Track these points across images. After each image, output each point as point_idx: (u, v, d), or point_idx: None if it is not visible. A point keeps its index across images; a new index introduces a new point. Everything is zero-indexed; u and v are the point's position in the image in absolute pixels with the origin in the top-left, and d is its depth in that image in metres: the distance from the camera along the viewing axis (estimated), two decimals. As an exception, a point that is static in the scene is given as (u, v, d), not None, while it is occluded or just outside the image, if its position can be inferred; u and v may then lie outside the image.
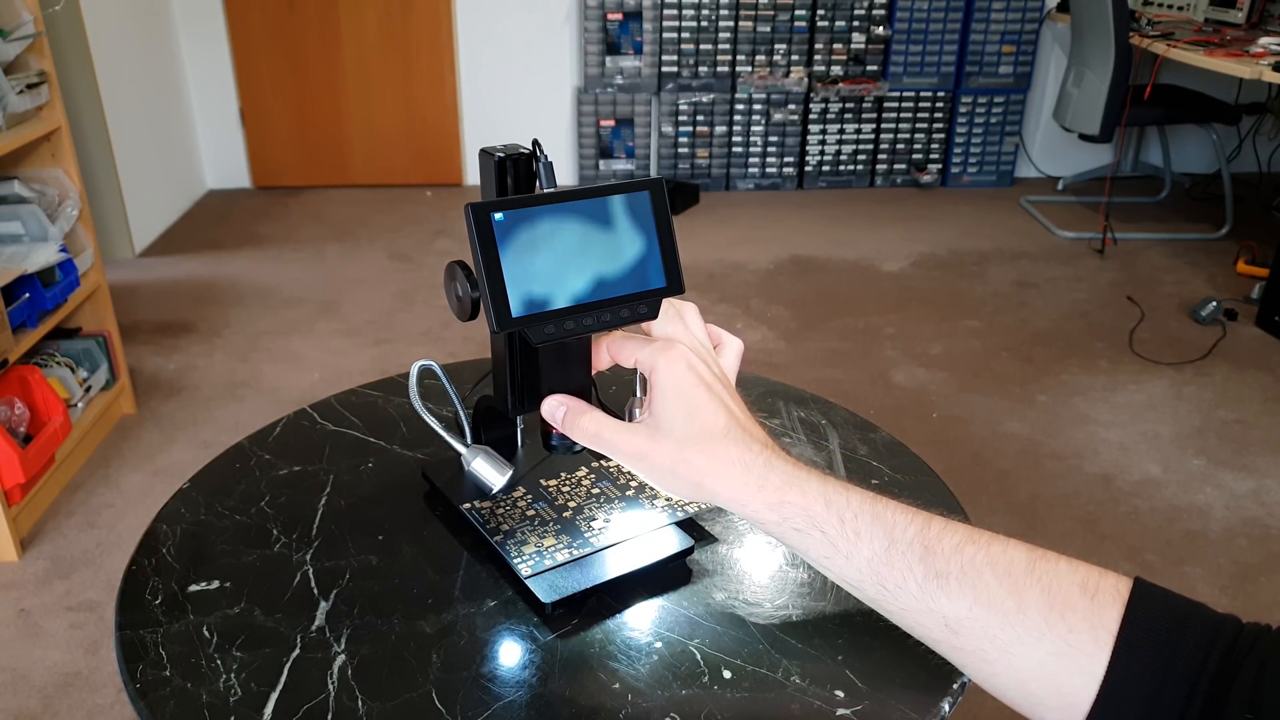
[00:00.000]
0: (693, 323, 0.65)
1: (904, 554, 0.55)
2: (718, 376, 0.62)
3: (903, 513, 0.57)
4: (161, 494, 0.78)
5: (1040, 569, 0.54)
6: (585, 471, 0.84)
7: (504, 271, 0.59)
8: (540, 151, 0.67)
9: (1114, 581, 0.53)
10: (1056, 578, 0.53)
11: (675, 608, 0.71)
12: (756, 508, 0.58)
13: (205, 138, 4.30)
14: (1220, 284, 3.32)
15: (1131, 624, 0.51)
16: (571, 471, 0.84)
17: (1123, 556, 1.98)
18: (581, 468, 0.85)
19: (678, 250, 0.66)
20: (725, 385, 0.62)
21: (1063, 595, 0.53)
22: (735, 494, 0.58)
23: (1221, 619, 0.51)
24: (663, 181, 0.65)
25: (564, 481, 0.83)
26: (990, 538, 0.55)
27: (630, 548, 0.75)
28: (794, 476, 0.58)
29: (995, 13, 4.12)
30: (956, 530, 0.55)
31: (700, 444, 0.58)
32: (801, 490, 0.57)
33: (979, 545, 0.55)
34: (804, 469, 0.59)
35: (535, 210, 0.60)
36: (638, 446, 0.60)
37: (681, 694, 0.63)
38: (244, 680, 0.62)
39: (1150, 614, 0.51)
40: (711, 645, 0.67)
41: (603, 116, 4.17)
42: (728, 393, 0.61)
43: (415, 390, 0.76)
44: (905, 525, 0.56)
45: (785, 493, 0.57)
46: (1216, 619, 0.51)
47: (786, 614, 0.70)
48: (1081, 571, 0.53)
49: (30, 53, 2.13)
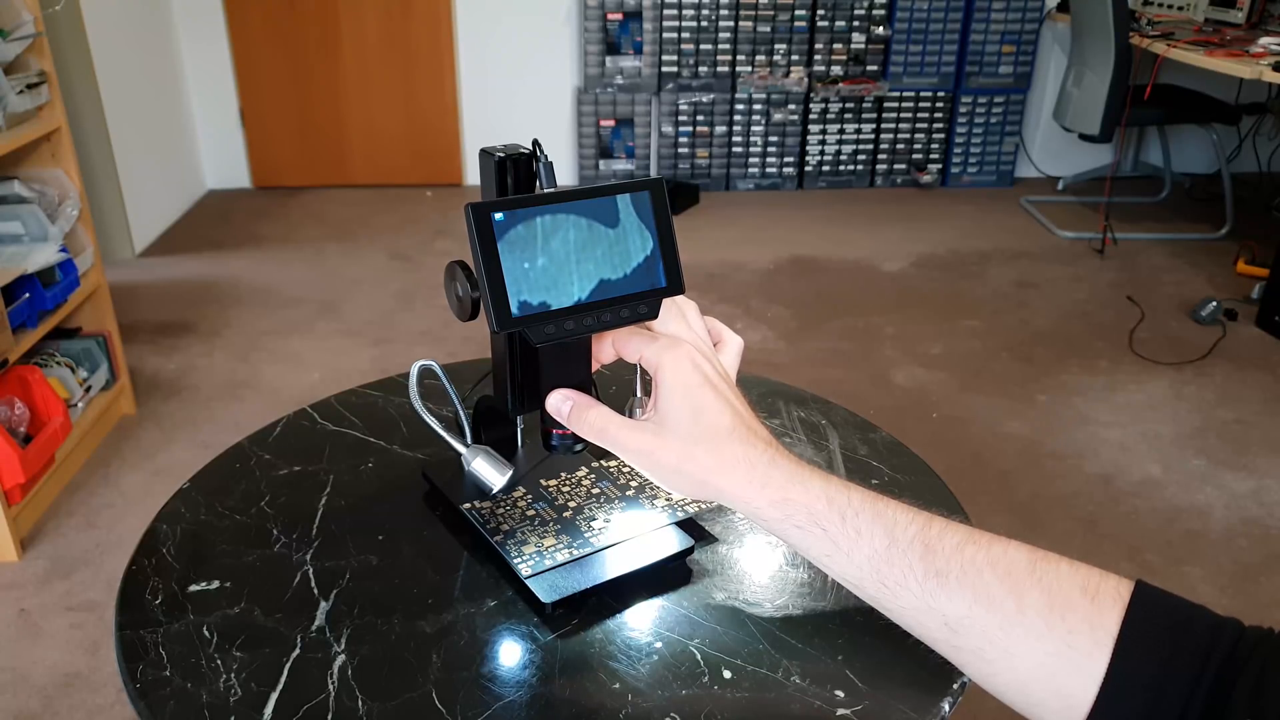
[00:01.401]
0: (694, 321, 0.65)
1: (904, 552, 0.56)
2: (721, 376, 0.62)
3: (904, 511, 0.57)
4: (161, 494, 0.78)
5: (1041, 570, 0.54)
6: (585, 471, 0.84)
7: (504, 271, 0.59)
8: (540, 151, 0.67)
9: (1115, 584, 0.53)
10: (1057, 579, 0.53)
11: (675, 608, 0.71)
12: (760, 505, 0.58)
13: (205, 138, 4.30)
14: (1220, 284, 3.32)
15: (1132, 625, 0.51)
16: (572, 471, 0.84)
17: (1123, 557, 1.98)
18: (582, 468, 0.84)
19: (678, 250, 0.66)
20: (728, 384, 0.62)
21: (1063, 596, 0.52)
22: (739, 492, 0.58)
23: (1223, 621, 0.51)
24: (663, 181, 0.65)
25: (564, 481, 0.83)
26: (991, 538, 0.55)
27: (630, 548, 0.75)
28: (797, 474, 0.58)
29: (995, 13, 4.12)
30: (957, 530, 0.56)
31: (706, 443, 0.59)
32: (804, 488, 0.58)
33: (979, 545, 0.55)
34: (807, 467, 0.59)
35: (535, 210, 0.60)
36: (643, 444, 0.60)
37: (681, 694, 0.63)
38: (244, 680, 0.62)
39: (1151, 616, 0.51)
40: (712, 645, 0.67)
41: (603, 116, 4.17)
42: (731, 391, 0.61)
43: (415, 390, 0.76)
44: (906, 524, 0.56)
45: (788, 490, 0.58)
46: (1217, 621, 0.51)
47: (787, 614, 0.70)
48: (1082, 573, 0.53)
49: (30, 53, 2.13)
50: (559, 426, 0.69)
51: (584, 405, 0.63)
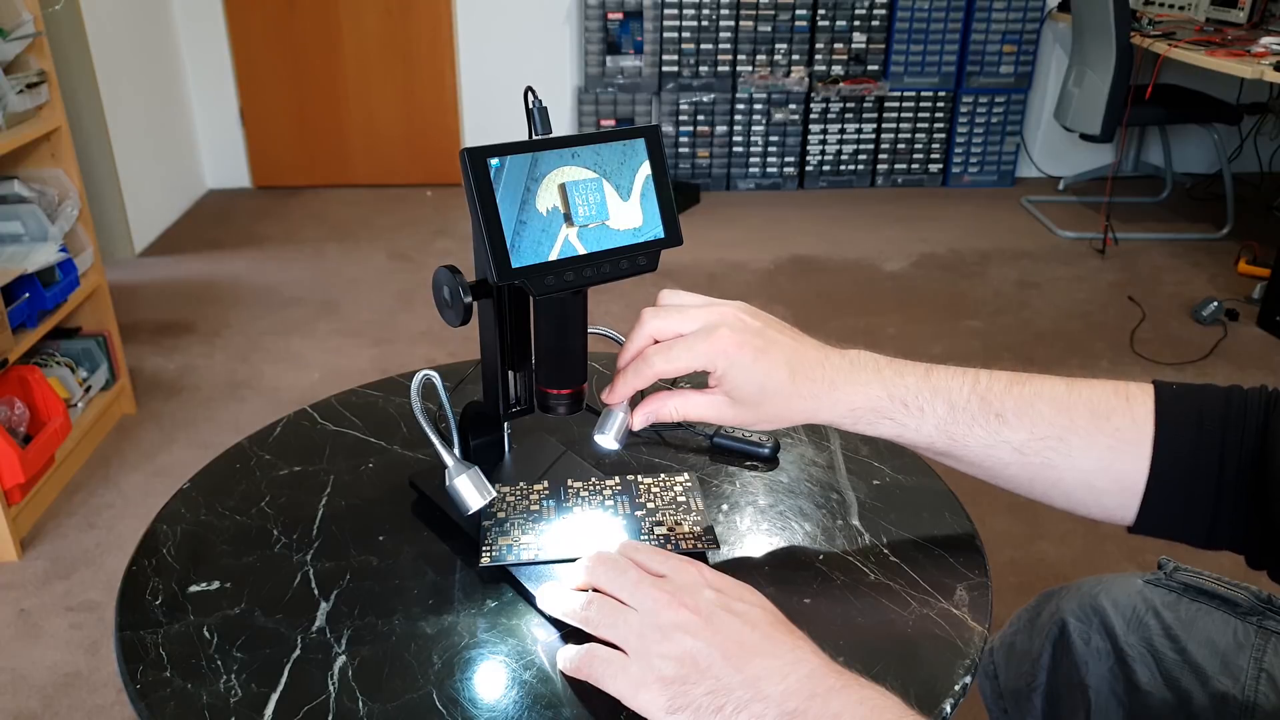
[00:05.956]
0: (689, 298, 0.71)
1: (965, 409, 0.66)
2: (759, 329, 0.68)
3: (954, 377, 0.67)
4: (161, 494, 0.78)
5: (1077, 389, 0.66)
6: (615, 481, 0.81)
7: (502, 221, 0.58)
8: (535, 97, 0.66)
9: (1139, 387, 0.66)
10: (1093, 392, 0.66)
11: (676, 608, 0.71)
12: (830, 419, 0.68)
13: (205, 137, 4.30)
14: (1221, 284, 3.32)
15: (1163, 411, 0.64)
16: (603, 479, 0.81)
17: (1124, 557, 1.98)
18: (615, 476, 0.81)
19: (674, 200, 0.66)
20: (766, 328, 0.69)
21: (1104, 404, 0.65)
22: (810, 418, 0.68)
23: (1228, 390, 0.65)
24: (659, 128, 0.65)
25: (588, 485, 0.80)
26: (1028, 376, 0.67)
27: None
28: (855, 383, 0.67)
29: (996, 12, 4.12)
30: (1000, 376, 0.67)
31: (772, 399, 0.67)
32: (865, 394, 0.67)
33: (1023, 384, 0.66)
34: (862, 370, 0.68)
35: (532, 156, 0.59)
36: (723, 414, 0.69)
37: (683, 695, 0.63)
38: (244, 681, 0.62)
39: (1175, 399, 0.64)
40: (713, 646, 0.67)
41: (603, 116, 4.17)
42: (776, 332, 0.69)
43: (418, 405, 0.74)
44: (959, 387, 0.67)
45: (853, 401, 0.67)
46: (1224, 391, 0.65)
47: (786, 615, 0.70)
48: (1110, 385, 0.66)
49: (30, 52, 2.13)
50: (555, 387, 0.70)
51: (661, 398, 0.70)
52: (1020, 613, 0.96)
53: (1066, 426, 0.64)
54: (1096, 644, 0.86)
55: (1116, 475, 0.64)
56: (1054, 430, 0.64)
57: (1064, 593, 0.91)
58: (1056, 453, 0.65)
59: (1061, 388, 0.66)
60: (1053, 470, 0.65)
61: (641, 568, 0.62)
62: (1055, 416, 0.65)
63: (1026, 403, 0.65)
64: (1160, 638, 0.83)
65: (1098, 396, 0.65)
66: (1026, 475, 0.66)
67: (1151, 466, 0.63)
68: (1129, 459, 0.64)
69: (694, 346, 0.67)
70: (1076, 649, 0.87)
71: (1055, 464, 0.65)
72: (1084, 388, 0.66)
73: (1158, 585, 0.87)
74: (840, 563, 0.74)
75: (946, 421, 0.66)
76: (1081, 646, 0.86)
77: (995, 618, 0.69)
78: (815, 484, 0.84)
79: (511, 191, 0.59)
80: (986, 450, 0.66)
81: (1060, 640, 0.88)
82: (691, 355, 0.67)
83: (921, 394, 0.67)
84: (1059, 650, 0.88)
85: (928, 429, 0.67)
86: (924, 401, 0.66)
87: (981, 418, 0.66)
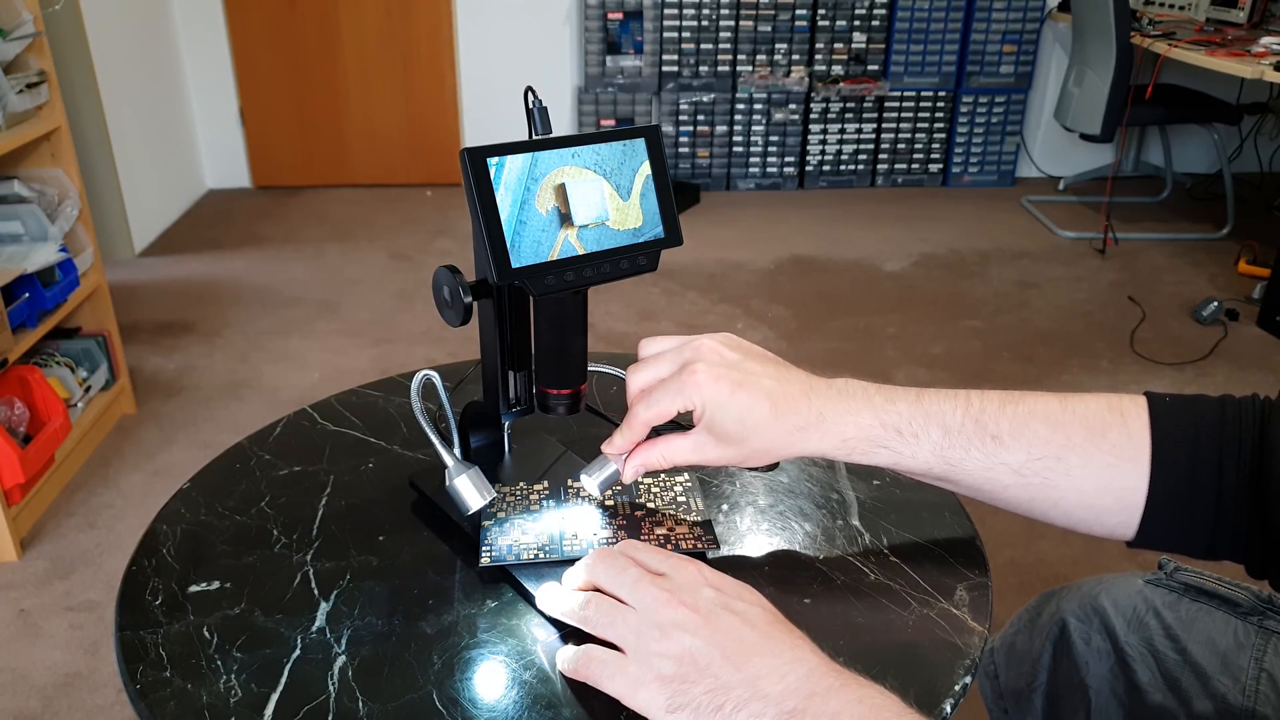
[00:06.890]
0: (668, 342, 0.69)
1: (959, 433, 0.65)
2: (735, 360, 0.66)
3: (946, 400, 0.65)
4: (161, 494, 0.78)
5: (1072, 406, 0.64)
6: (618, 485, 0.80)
7: (502, 221, 0.58)
8: (535, 97, 0.66)
9: (1131, 401, 0.64)
10: (1087, 409, 0.64)
11: (676, 608, 0.71)
12: (822, 451, 0.66)
13: (205, 137, 4.30)
14: (1221, 284, 3.32)
15: (1159, 425, 0.63)
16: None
17: (1124, 557, 1.98)
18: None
19: (674, 200, 0.66)
20: (746, 362, 0.66)
21: (1099, 420, 0.64)
22: (799, 452, 0.66)
23: (1221, 401, 0.64)
24: (659, 128, 0.65)
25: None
26: (1019, 395, 0.65)
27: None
28: (846, 413, 0.65)
29: (996, 12, 4.12)
30: (993, 396, 0.65)
31: (757, 435, 0.65)
32: (856, 423, 0.65)
33: (1016, 403, 0.65)
34: (853, 400, 0.66)
35: (532, 156, 0.59)
36: (708, 455, 0.67)
37: (683, 695, 0.63)
38: (244, 681, 0.62)
39: (1170, 412, 0.64)
40: (713, 646, 0.67)
41: (603, 116, 4.17)
42: (756, 365, 0.66)
43: (418, 405, 0.74)
44: (952, 410, 0.65)
45: (843, 433, 0.65)
46: (1218, 401, 0.64)
47: (786, 615, 0.70)
48: (1104, 400, 0.65)
49: (30, 52, 2.13)
50: (554, 386, 0.70)
51: (648, 448, 0.68)
52: (1020, 613, 0.96)
53: (1063, 445, 0.63)
54: (1097, 644, 0.86)
55: (1116, 492, 0.63)
56: (1051, 449, 0.64)
57: (1064, 593, 0.91)
58: (1055, 472, 0.64)
59: (1055, 405, 0.65)
60: (1053, 490, 0.64)
61: (641, 566, 0.62)
62: (1051, 435, 0.64)
63: (1021, 422, 0.64)
64: (1161, 638, 0.83)
65: (1092, 413, 0.64)
66: (1026, 496, 0.65)
67: (1150, 481, 0.63)
68: (1127, 475, 0.63)
69: (670, 388, 0.66)
70: (1077, 649, 0.87)
71: (1055, 484, 0.64)
72: (1078, 404, 0.64)
73: (1158, 585, 0.87)
74: (840, 563, 0.74)
75: (942, 446, 0.65)
76: (1082, 646, 0.87)
77: (995, 618, 0.69)
78: (815, 484, 0.84)
79: (511, 191, 0.58)
80: (985, 473, 0.65)
81: (1060, 640, 0.88)
82: (669, 398, 0.66)
83: (915, 420, 0.65)
84: (1059, 650, 0.88)
85: (924, 455, 0.65)
86: (918, 428, 0.65)
87: (977, 440, 0.64)
